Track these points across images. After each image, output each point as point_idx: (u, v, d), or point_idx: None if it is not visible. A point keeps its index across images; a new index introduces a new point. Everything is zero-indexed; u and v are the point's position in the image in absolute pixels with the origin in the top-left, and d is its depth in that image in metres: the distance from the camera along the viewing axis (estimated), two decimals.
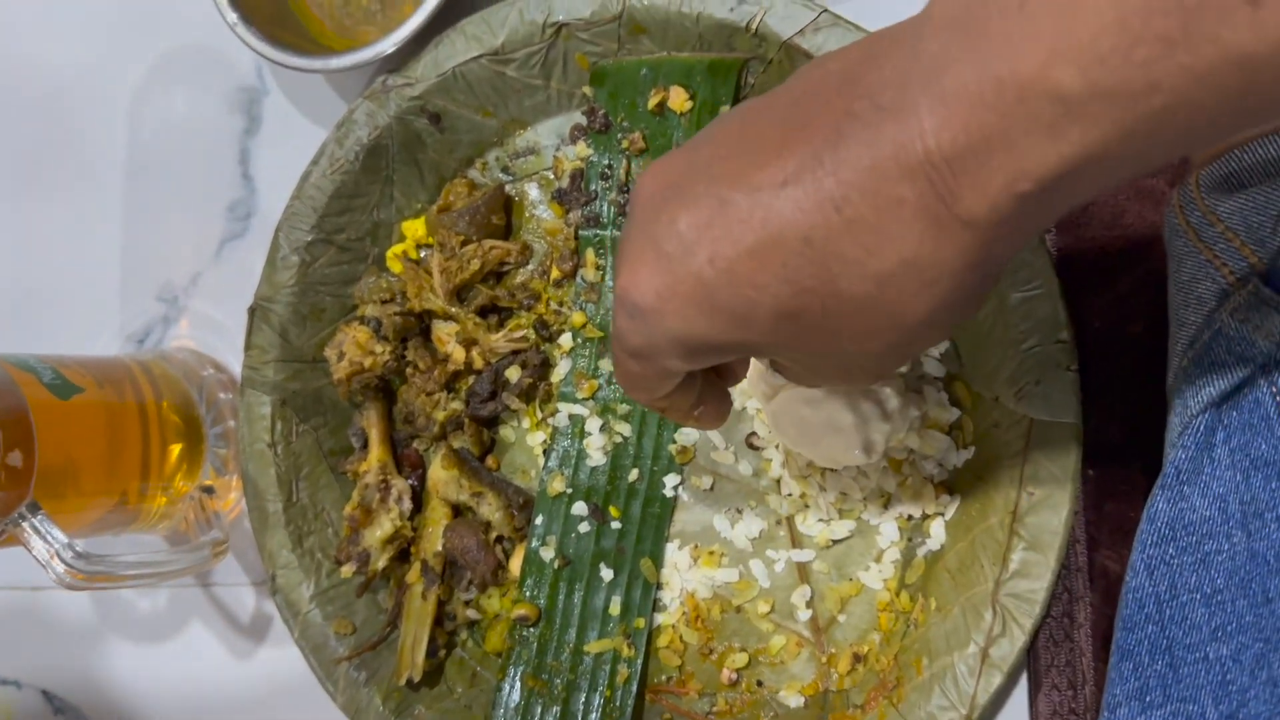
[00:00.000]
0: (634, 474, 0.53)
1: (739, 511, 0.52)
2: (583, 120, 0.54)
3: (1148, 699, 0.37)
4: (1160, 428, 0.42)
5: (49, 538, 0.48)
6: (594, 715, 0.51)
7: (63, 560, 0.48)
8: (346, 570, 0.53)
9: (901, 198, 0.28)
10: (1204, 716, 0.36)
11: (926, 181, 0.28)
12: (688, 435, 0.53)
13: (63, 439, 0.51)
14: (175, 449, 0.56)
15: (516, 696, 0.52)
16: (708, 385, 0.39)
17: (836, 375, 0.36)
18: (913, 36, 0.28)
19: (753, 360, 0.51)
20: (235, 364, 0.59)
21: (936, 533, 0.49)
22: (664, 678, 0.52)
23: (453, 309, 0.54)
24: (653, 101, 0.52)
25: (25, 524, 0.48)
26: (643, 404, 0.39)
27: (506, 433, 0.55)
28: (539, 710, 0.51)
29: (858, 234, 0.29)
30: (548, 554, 0.53)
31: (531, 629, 0.52)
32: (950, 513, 0.49)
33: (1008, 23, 0.26)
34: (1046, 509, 0.46)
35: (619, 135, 0.53)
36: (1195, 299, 0.39)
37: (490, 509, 0.53)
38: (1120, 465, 0.47)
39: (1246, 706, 0.36)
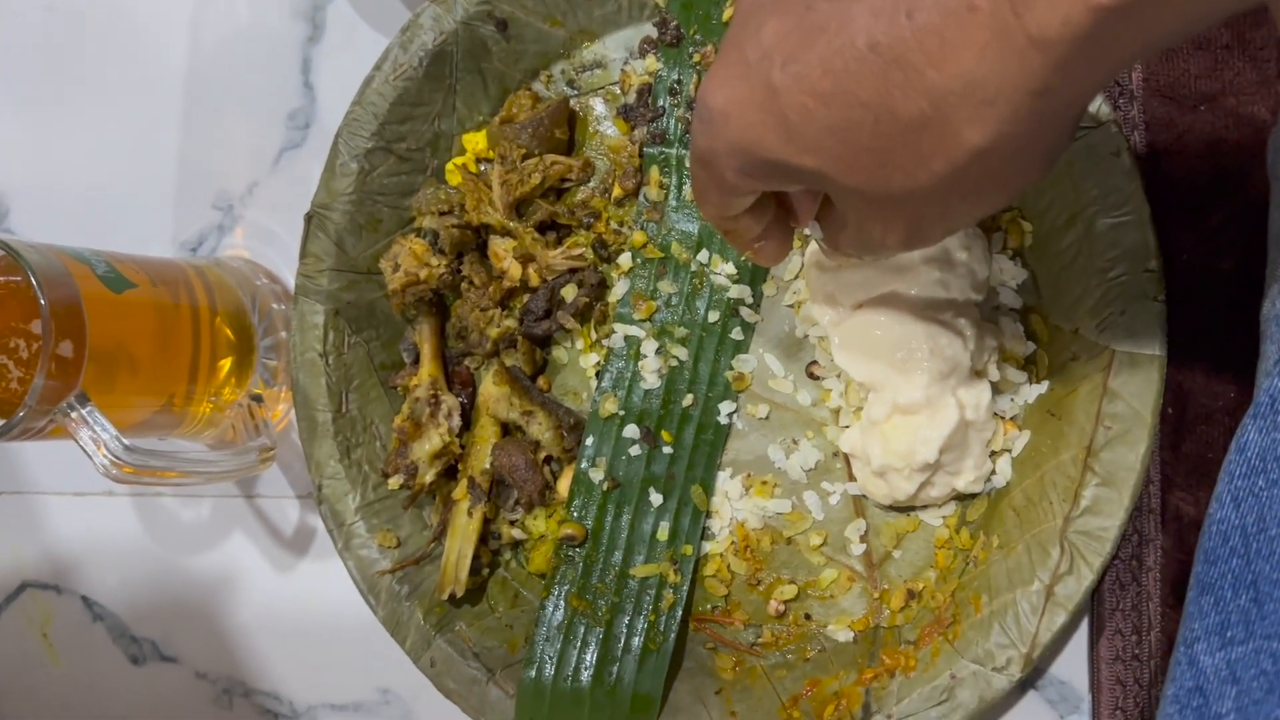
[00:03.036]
0: (688, 399, 0.52)
1: (795, 442, 0.51)
2: (653, 32, 0.53)
3: (1228, 634, 0.35)
4: (1248, 367, 0.40)
5: (96, 428, 0.47)
6: (637, 639, 0.50)
7: (109, 452, 0.47)
8: (394, 482, 0.52)
9: (974, 4, 0.28)
10: None
11: None
12: (745, 362, 0.52)
13: (114, 332, 0.50)
14: (226, 355, 0.56)
15: (560, 616, 0.51)
16: (775, 220, 0.39)
17: (887, 228, 0.35)
18: None
19: (810, 269, 0.49)
20: (289, 275, 0.58)
21: (1003, 469, 0.48)
22: (709, 606, 0.51)
23: (511, 223, 0.53)
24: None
25: (74, 414, 0.48)
26: (711, 223, 0.40)
27: (559, 354, 0.54)
28: (582, 630, 0.50)
29: (923, 40, 0.29)
30: (597, 475, 0.51)
31: (578, 549, 0.51)
32: (1019, 449, 0.47)
33: None
34: (1123, 444, 0.44)
35: (690, 49, 0.52)
36: None
37: (540, 428, 0.52)
38: (1201, 405, 0.45)
39: None
